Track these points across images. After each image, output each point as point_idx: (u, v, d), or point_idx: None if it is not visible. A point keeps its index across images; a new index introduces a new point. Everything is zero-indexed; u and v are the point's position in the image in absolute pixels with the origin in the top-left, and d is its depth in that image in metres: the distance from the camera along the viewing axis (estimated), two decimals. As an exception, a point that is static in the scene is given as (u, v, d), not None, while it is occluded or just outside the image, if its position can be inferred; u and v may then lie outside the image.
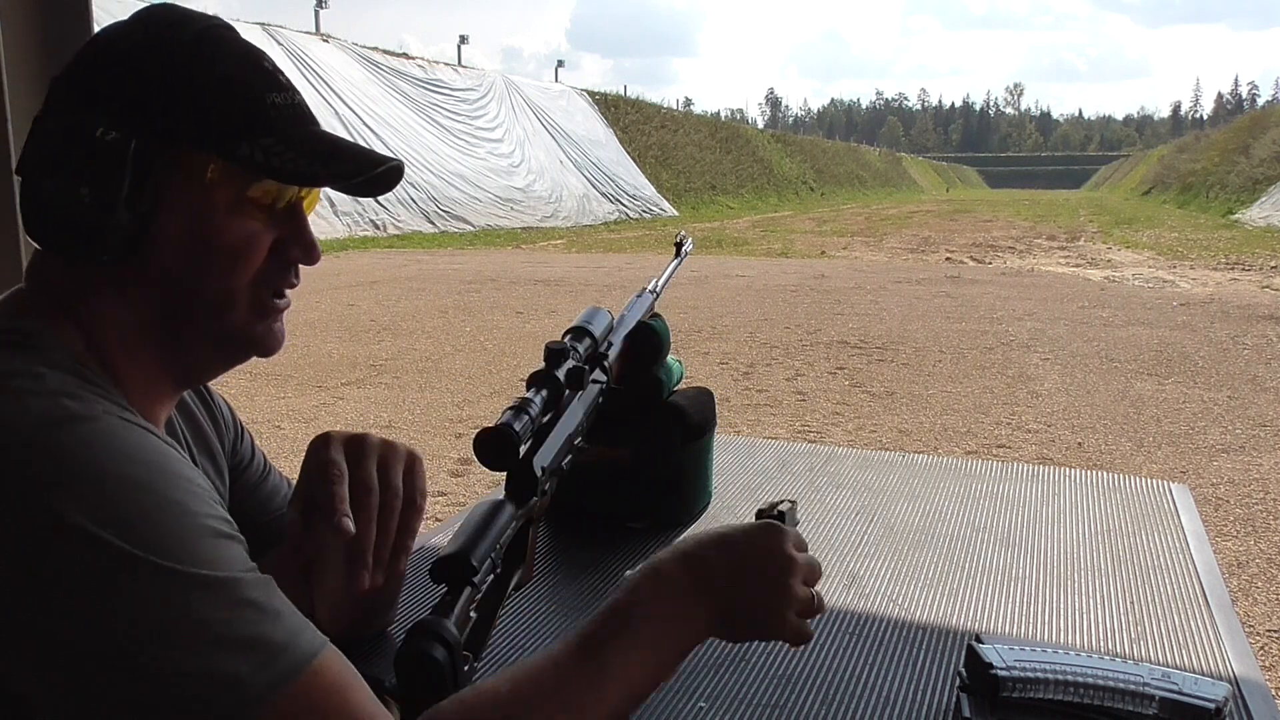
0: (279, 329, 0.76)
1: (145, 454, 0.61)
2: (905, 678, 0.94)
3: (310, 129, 0.73)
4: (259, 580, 0.60)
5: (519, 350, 7.34)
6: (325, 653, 0.60)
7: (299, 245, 0.74)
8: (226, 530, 0.61)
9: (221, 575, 0.58)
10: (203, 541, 0.58)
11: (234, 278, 0.71)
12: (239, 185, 0.69)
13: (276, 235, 0.72)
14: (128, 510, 0.57)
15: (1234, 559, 3.55)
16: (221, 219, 0.69)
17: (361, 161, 0.72)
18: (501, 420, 0.85)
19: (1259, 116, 43.72)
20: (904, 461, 1.63)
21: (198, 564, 0.57)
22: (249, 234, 0.70)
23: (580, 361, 1.00)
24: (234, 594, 0.57)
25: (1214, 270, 13.77)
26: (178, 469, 0.62)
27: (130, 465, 0.59)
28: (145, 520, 0.57)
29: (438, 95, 26.67)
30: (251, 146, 0.68)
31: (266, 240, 0.72)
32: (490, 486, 3.75)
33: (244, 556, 0.61)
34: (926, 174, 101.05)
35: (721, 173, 40.78)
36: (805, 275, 12.77)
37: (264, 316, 0.74)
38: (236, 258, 0.70)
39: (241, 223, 0.70)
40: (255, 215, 0.71)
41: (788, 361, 7.11)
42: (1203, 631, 1.04)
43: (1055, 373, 6.71)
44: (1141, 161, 79.82)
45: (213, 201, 0.69)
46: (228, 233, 0.69)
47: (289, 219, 0.73)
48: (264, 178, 0.69)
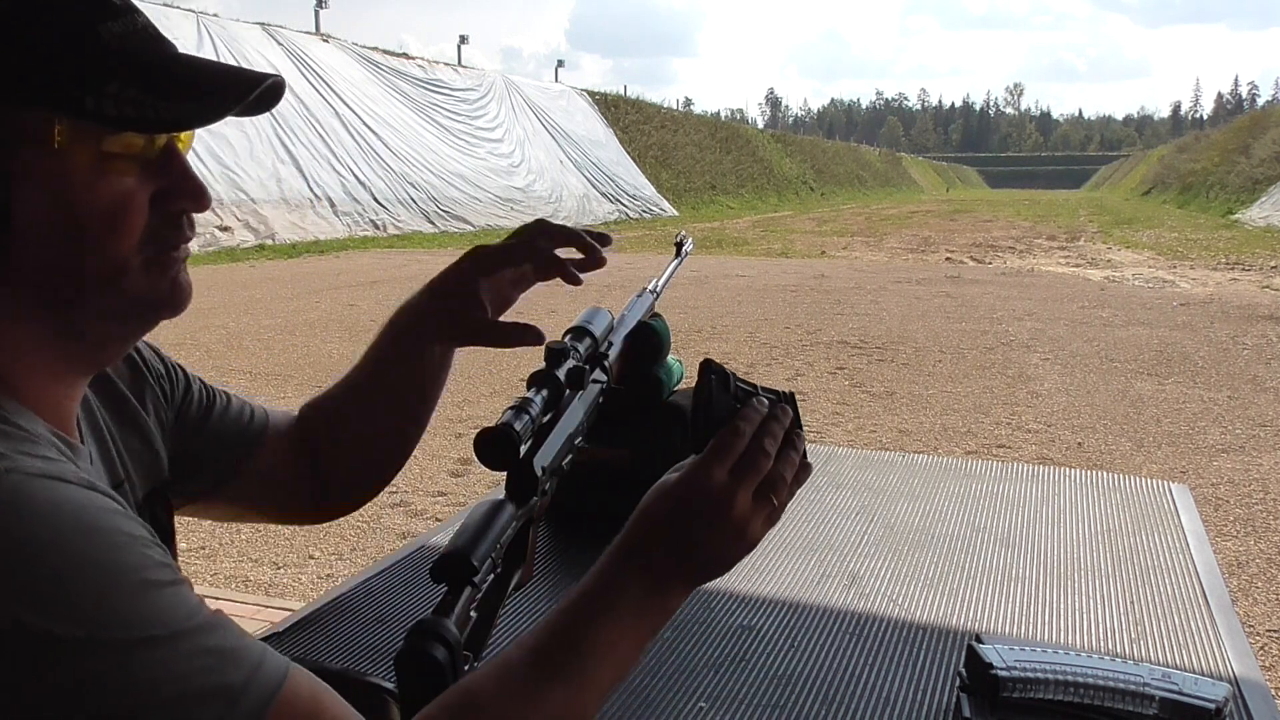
0: (184, 280, 0.67)
1: (59, 513, 0.52)
2: (905, 678, 0.94)
3: (162, 56, 0.62)
4: (207, 623, 0.54)
5: (519, 350, 7.29)
6: (290, 677, 0.57)
7: (184, 194, 0.64)
8: (164, 577, 0.54)
9: (166, 633, 0.52)
10: (139, 601, 0.52)
11: (116, 246, 0.61)
12: (96, 141, 0.59)
13: (156, 187, 0.63)
14: (50, 587, 0.50)
15: (1234, 559, 3.54)
16: (85, 184, 0.59)
17: (229, 92, 0.62)
18: (502, 420, 0.85)
19: (1259, 116, 43.71)
20: (904, 461, 1.63)
21: (137, 627, 0.51)
22: (122, 194, 0.61)
23: (580, 361, 1.00)
24: (184, 646, 0.52)
25: (1214, 270, 13.77)
26: (98, 521, 0.53)
27: (43, 530, 0.51)
28: (73, 594, 0.50)
29: (438, 95, 26.67)
30: (98, 97, 0.58)
31: (144, 196, 0.62)
32: (490, 486, 3.75)
33: (187, 598, 0.54)
34: (926, 174, 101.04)
35: (721, 173, 40.77)
36: (805, 275, 12.76)
37: (163, 272, 0.65)
38: (113, 224, 0.61)
39: (110, 183, 0.60)
40: (124, 171, 0.61)
41: (788, 361, 7.11)
42: (1203, 631, 1.04)
43: (1055, 373, 6.71)
44: (1141, 161, 79.83)
45: (70, 167, 0.59)
46: (96, 198, 0.60)
47: (165, 166, 0.63)
48: (122, 130, 0.60)
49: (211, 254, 15.38)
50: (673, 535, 0.69)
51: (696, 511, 0.69)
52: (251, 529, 3.83)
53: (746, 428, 0.72)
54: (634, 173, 33.06)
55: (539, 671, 0.64)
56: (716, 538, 0.70)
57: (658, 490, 0.72)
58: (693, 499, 0.70)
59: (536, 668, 0.65)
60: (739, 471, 0.70)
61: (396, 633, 1.01)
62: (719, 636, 1.02)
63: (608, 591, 0.68)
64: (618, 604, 0.67)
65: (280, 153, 19.14)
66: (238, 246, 16.25)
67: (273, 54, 20.95)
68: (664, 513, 0.70)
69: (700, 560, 0.70)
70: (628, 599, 0.68)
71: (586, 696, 0.65)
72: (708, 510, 0.69)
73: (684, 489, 0.70)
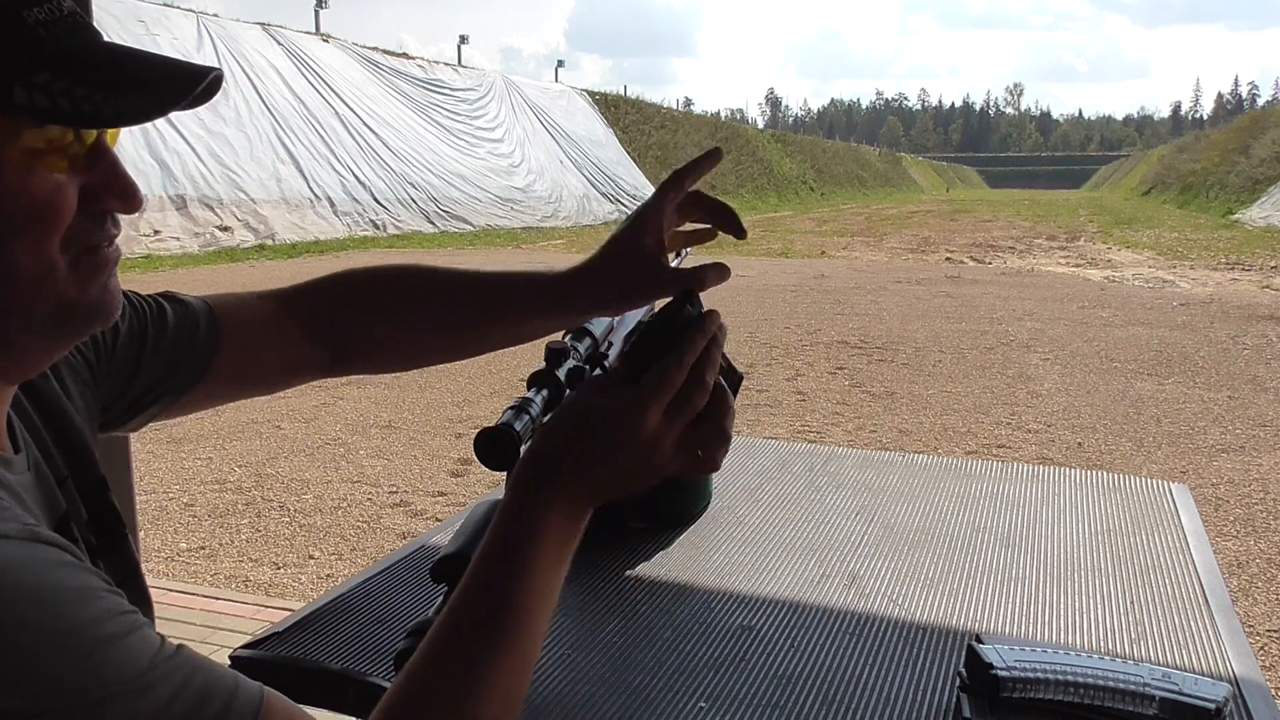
0: (114, 285, 0.63)
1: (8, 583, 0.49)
2: (905, 678, 0.94)
3: (93, 46, 0.59)
4: (174, 662, 0.52)
5: (519, 350, 7.30)
6: (266, 701, 0.55)
7: (113, 192, 0.61)
8: (119, 628, 0.51)
9: (131, 686, 0.50)
10: (98, 660, 0.50)
11: (44, 245, 0.58)
12: (19, 136, 0.56)
13: (83, 181, 0.60)
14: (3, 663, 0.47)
15: (1234, 559, 3.55)
16: (14, 180, 0.56)
17: (169, 89, 0.59)
18: (502, 420, 0.85)
19: (1259, 116, 43.72)
20: (904, 461, 1.63)
21: (101, 687, 0.49)
22: (48, 190, 0.57)
23: (581, 361, 1.00)
24: (154, 692, 0.51)
25: (1214, 270, 13.77)
26: (42, 579, 0.50)
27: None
28: (28, 666, 0.48)
29: (438, 95, 26.68)
30: (28, 89, 0.55)
31: (71, 192, 0.59)
32: (490, 486, 3.75)
33: (147, 643, 0.52)
34: (926, 174, 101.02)
35: (721, 173, 40.76)
36: (805, 275, 12.76)
37: (93, 276, 0.61)
38: (39, 221, 0.57)
39: (39, 178, 0.57)
40: (50, 165, 0.57)
41: (788, 361, 7.11)
42: (1203, 631, 1.04)
43: (1055, 373, 6.71)
44: (1141, 161, 79.84)
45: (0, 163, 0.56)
46: (22, 194, 0.56)
47: (94, 161, 0.60)
48: (51, 123, 0.56)
49: (211, 254, 15.39)
50: (600, 462, 0.68)
51: (630, 446, 0.68)
52: (252, 529, 3.83)
53: (687, 360, 0.70)
54: (634, 173, 33.07)
55: (476, 641, 0.62)
56: (634, 466, 0.69)
57: (580, 412, 0.70)
58: (627, 434, 0.68)
59: (475, 638, 0.62)
60: (674, 412, 0.69)
61: (396, 633, 1.01)
62: (719, 636, 1.02)
63: (531, 536, 0.66)
64: (541, 545, 0.66)
65: (280, 153, 19.14)
66: (238, 246, 16.26)
67: (273, 54, 20.94)
68: (590, 440, 0.68)
69: (622, 483, 0.70)
70: (550, 535, 0.66)
71: (529, 645, 0.64)
72: (640, 446, 0.68)
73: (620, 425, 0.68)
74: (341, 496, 4.21)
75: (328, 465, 4.65)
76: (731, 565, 1.19)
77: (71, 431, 0.77)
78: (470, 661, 0.61)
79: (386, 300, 0.94)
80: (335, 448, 4.93)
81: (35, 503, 0.66)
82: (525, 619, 0.64)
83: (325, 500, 4.17)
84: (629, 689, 0.91)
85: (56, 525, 0.69)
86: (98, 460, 0.78)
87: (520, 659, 0.63)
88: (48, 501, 0.69)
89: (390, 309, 0.94)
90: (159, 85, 0.59)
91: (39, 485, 0.69)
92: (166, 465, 4.60)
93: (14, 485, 0.62)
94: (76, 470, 0.75)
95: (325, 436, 5.12)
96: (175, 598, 3.10)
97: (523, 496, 0.67)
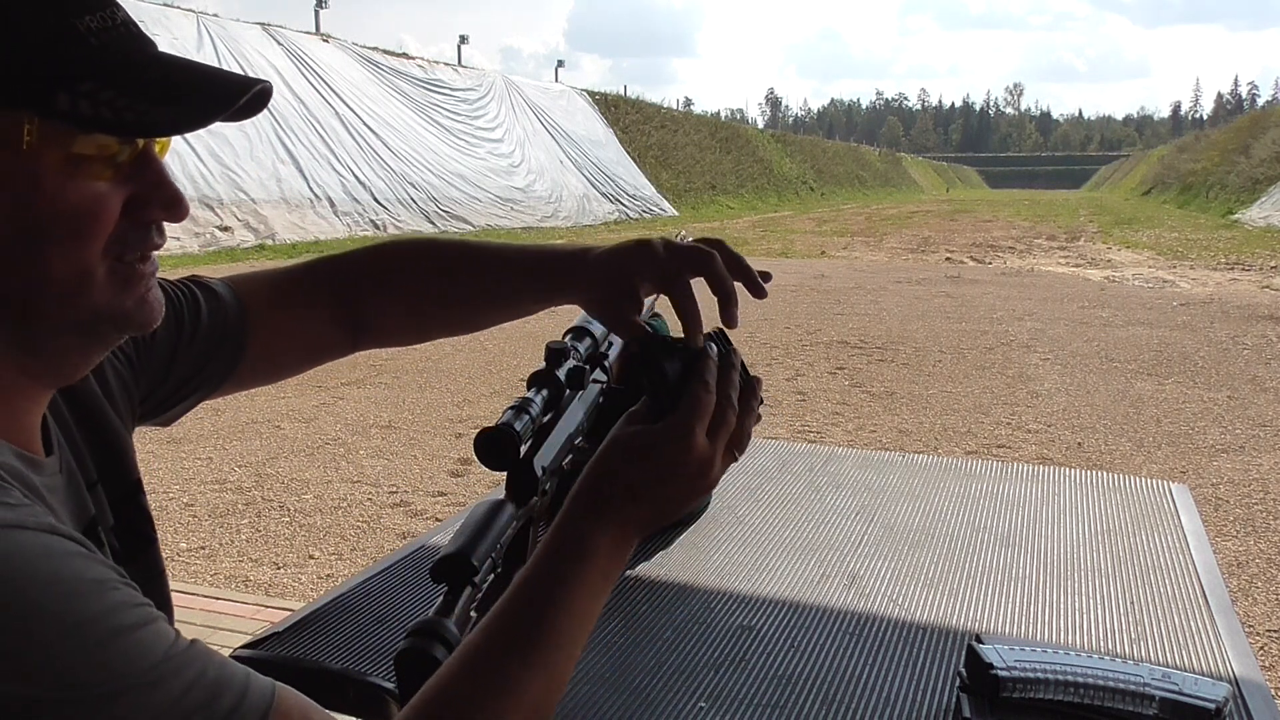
0: (154, 298, 0.64)
1: (17, 568, 0.49)
2: (905, 678, 0.94)
3: (143, 55, 0.59)
4: (187, 655, 0.52)
5: (519, 350, 7.34)
6: (278, 695, 0.55)
7: (158, 202, 0.61)
8: (134, 620, 0.51)
9: (144, 678, 0.50)
10: (111, 651, 0.49)
11: (81, 252, 0.58)
12: (67, 142, 0.56)
13: (129, 193, 0.59)
14: (15, 650, 0.47)
15: (1234, 559, 3.55)
16: (53, 187, 0.56)
17: (213, 99, 0.59)
18: (502, 420, 0.85)
19: (1259, 116, 43.71)
20: (904, 461, 1.63)
21: (113, 679, 0.49)
22: (92, 198, 0.57)
23: (581, 361, 1.00)
24: (166, 686, 0.50)
25: (1214, 270, 13.77)
26: (58, 570, 0.50)
27: (2, 588, 0.48)
28: (41, 654, 0.47)
29: (438, 95, 26.67)
30: (73, 96, 0.55)
31: (116, 201, 0.59)
32: (490, 486, 3.75)
33: (162, 635, 0.52)
34: (926, 174, 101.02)
35: (721, 173, 40.77)
36: (805, 275, 12.76)
37: (131, 287, 0.61)
38: (80, 228, 0.57)
39: (79, 186, 0.57)
40: (96, 174, 0.57)
41: (788, 361, 7.11)
42: (1203, 631, 1.04)
43: (1055, 373, 6.71)
44: (1141, 161, 79.84)
45: (38, 168, 0.55)
46: (64, 201, 0.56)
47: (140, 170, 0.60)
48: (96, 131, 0.56)
49: (211, 254, 15.38)
50: (651, 493, 0.70)
51: (681, 473, 0.70)
52: (252, 529, 3.83)
53: (712, 383, 0.73)
54: (634, 173, 33.06)
55: (512, 656, 0.63)
56: (687, 492, 0.71)
57: (627, 446, 0.71)
58: (678, 462, 0.70)
59: (510, 652, 0.63)
60: (714, 432, 0.71)
61: (396, 633, 1.01)
62: (719, 636, 1.02)
63: (578, 559, 0.67)
64: (586, 569, 0.67)
65: (280, 153, 19.13)
66: (238, 246, 16.25)
67: (273, 54, 20.94)
68: (640, 472, 0.70)
69: (670, 511, 0.71)
70: (597, 563, 0.68)
71: (563, 668, 0.65)
72: (692, 471, 0.70)
73: (668, 453, 0.70)
74: (341, 496, 4.21)
75: (328, 465, 4.65)
76: (731, 565, 1.19)
77: (109, 433, 0.77)
78: (503, 675, 0.62)
79: (397, 280, 0.96)
80: (335, 448, 4.93)
81: (63, 506, 0.66)
82: (561, 641, 0.65)
83: (325, 500, 4.17)
84: (629, 689, 0.91)
85: (84, 530, 0.69)
86: (135, 461, 0.79)
87: (553, 680, 0.64)
88: (77, 505, 0.69)
89: (401, 289, 0.96)
90: (203, 96, 0.59)
91: (69, 489, 0.69)
92: (166, 465, 4.60)
93: (39, 487, 0.62)
94: (110, 473, 0.76)
95: (325, 436, 5.12)
96: (175, 598, 3.08)
97: (574, 525, 0.69)
